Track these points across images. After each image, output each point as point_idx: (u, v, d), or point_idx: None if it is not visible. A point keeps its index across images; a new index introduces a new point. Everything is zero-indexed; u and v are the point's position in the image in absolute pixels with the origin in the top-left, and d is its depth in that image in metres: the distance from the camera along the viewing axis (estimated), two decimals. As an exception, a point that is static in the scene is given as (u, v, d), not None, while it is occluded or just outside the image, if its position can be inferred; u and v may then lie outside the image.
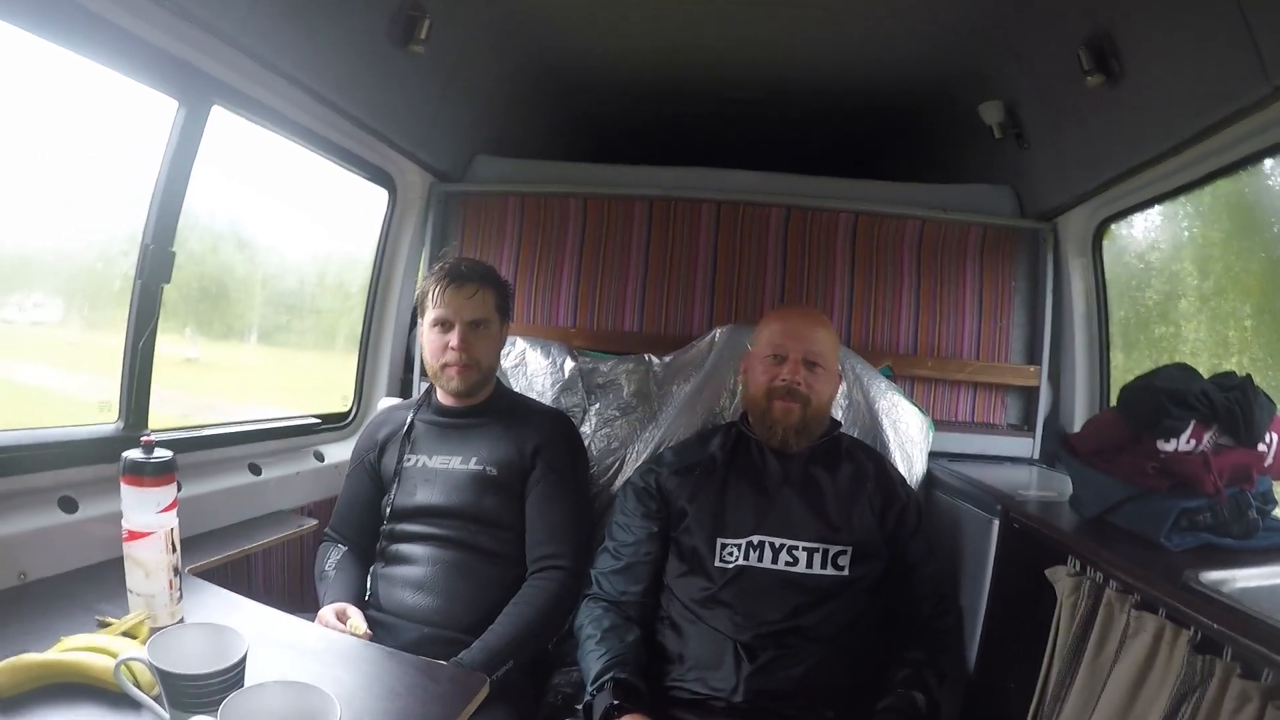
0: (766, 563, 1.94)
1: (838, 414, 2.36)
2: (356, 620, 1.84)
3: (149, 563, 1.47)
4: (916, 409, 2.53)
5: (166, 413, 2.13)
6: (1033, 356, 2.90)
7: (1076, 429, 2.62)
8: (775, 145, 3.93)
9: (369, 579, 2.12)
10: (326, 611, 1.87)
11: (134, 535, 1.47)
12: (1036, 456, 2.84)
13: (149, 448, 1.47)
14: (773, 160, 3.18)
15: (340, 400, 2.91)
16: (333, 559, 2.08)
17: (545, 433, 2.14)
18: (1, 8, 1.49)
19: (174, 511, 1.51)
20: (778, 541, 1.95)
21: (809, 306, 2.82)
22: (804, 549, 1.94)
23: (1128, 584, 1.57)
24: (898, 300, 2.91)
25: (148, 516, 1.47)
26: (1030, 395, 2.90)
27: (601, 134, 4.02)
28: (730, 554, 1.96)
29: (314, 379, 3.26)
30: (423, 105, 2.70)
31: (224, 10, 1.77)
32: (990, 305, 2.90)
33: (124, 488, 1.46)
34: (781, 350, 2.07)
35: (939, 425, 2.64)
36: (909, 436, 2.47)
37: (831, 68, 3.07)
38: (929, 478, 2.49)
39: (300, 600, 2.30)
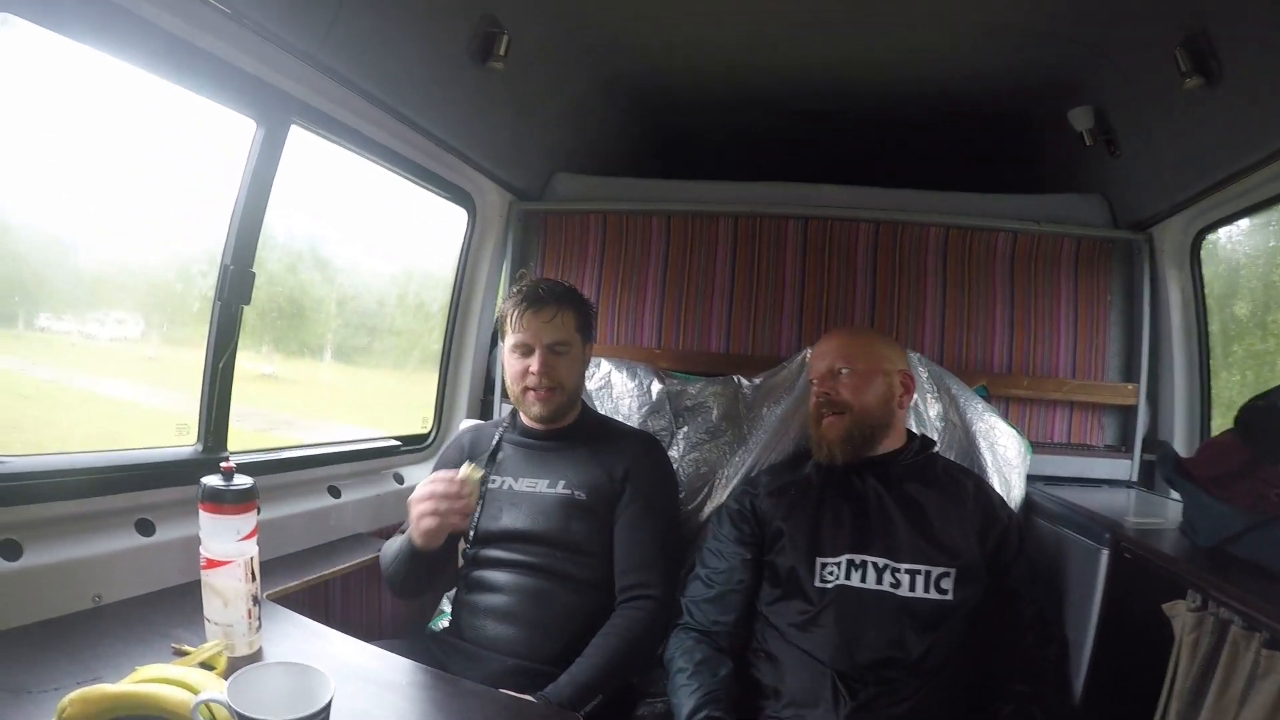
0: (870, 583, 1.81)
1: (933, 435, 2.25)
2: (467, 470, 1.76)
3: (227, 591, 1.41)
4: (1014, 431, 2.39)
5: (243, 427, 2.09)
6: (1130, 374, 2.74)
7: (1177, 448, 2.49)
8: (858, 158, 3.77)
9: (451, 607, 2.04)
10: (423, 487, 1.77)
11: (212, 563, 1.41)
12: (1135, 479, 2.68)
13: (228, 474, 1.42)
14: (856, 173, 3.06)
15: (420, 422, 2.85)
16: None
17: (635, 456, 2.05)
18: (85, 33, 1.48)
19: (254, 539, 1.45)
20: (880, 562, 1.83)
21: (850, 325, 2.76)
22: (906, 570, 1.82)
23: (1255, 621, 1.43)
24: (991, 317, 2.77)
25: (227, 545, 1.41)
26: (1128, 415, 2.74)
27: (683, 149, 3.90)
28: (830, 573, 1.84)
29: (393, 397, 3.23)
30: (502, 123, 2.64)
31: (303, 29, 1.74)
32: (1086, 320, 2.76)
33: (202, 515, 1.41)
34: (815, 371, 2.06)
35: (1035, 447, 2.50)
36: (1007, 460, 2.33)
37: (914, 77, 2.93)
38: (1027, 503, 2.34)
39: (378, 626, 2.24)
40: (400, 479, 2.59)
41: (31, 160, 1.63)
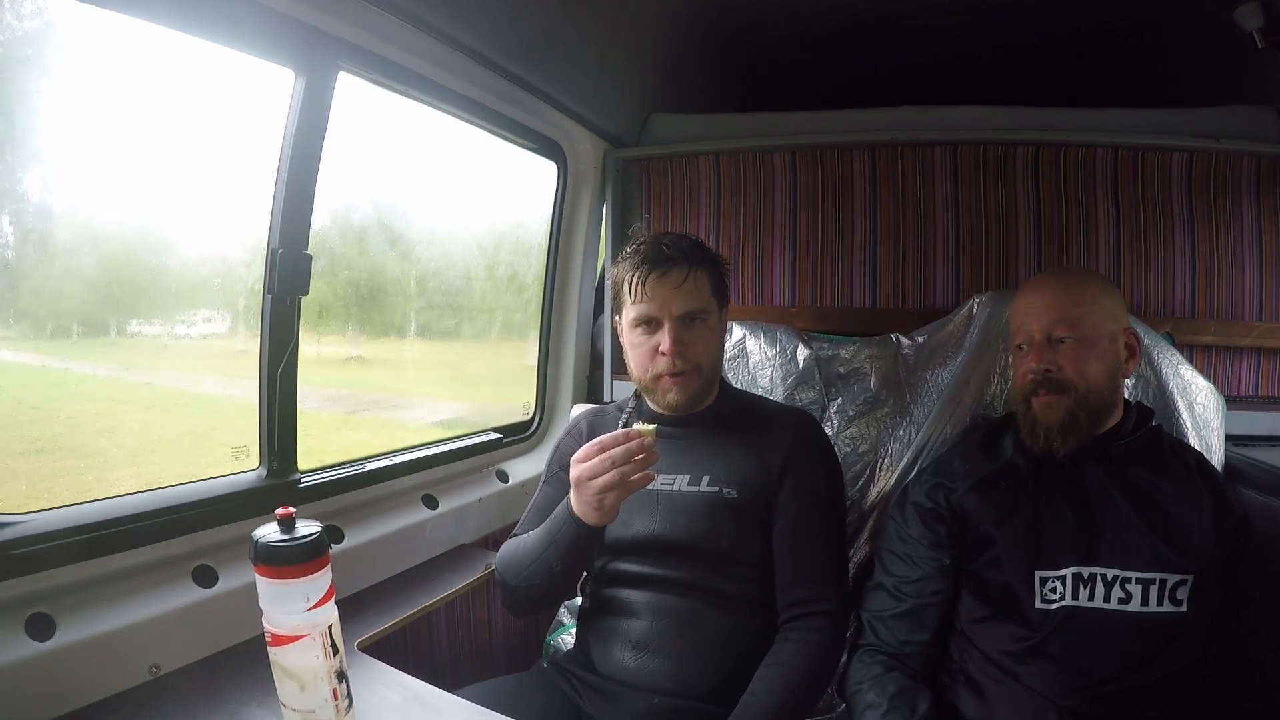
0: (1099, 601, 1.40)
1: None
2: (638, 425, 1.40)
3: (303, 672, 1.08)
4: (1211, 385, 1.96)
5: (333, 411, 1.96)
6: None
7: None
8: (998, 76, 3.27)
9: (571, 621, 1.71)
10: (592, 461, 1.37)
11: (280, 639, 1.07)
12: None
13: (288, 522, 1.06)
14: (996, 93, 2.60)
15: (521, 408, 2.53)
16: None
17: (793, 442, 1.61)
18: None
19: (331, 603, 1.10)
20: (1110, 573, 1.40)
21: (1061, 268, 2.26)
22: (1138, 580, 1.39)
23: None
24: (1170, 251, 2.31)
25: (295, 616, 1.06)
26: None
27: (795, 80, 3.33)
28: (1053, 590, 1.43)
29: (479, 368, 3.03)
30: (589, 57, 2.21)
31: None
32: (1271, 253, 2.28)
33: (260, 581, 1.06)
34: (1024, 334, 1.58)
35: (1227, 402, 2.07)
36: (1205, 420, 1.89)
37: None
38: (1229, 470, 1.89)
39: (490, 658, 1.92)
40: (505, 476, 2.25)
41: (101, 166, 1.47)
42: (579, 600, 1.75)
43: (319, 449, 1.73)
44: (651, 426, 1.37)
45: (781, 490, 1.55)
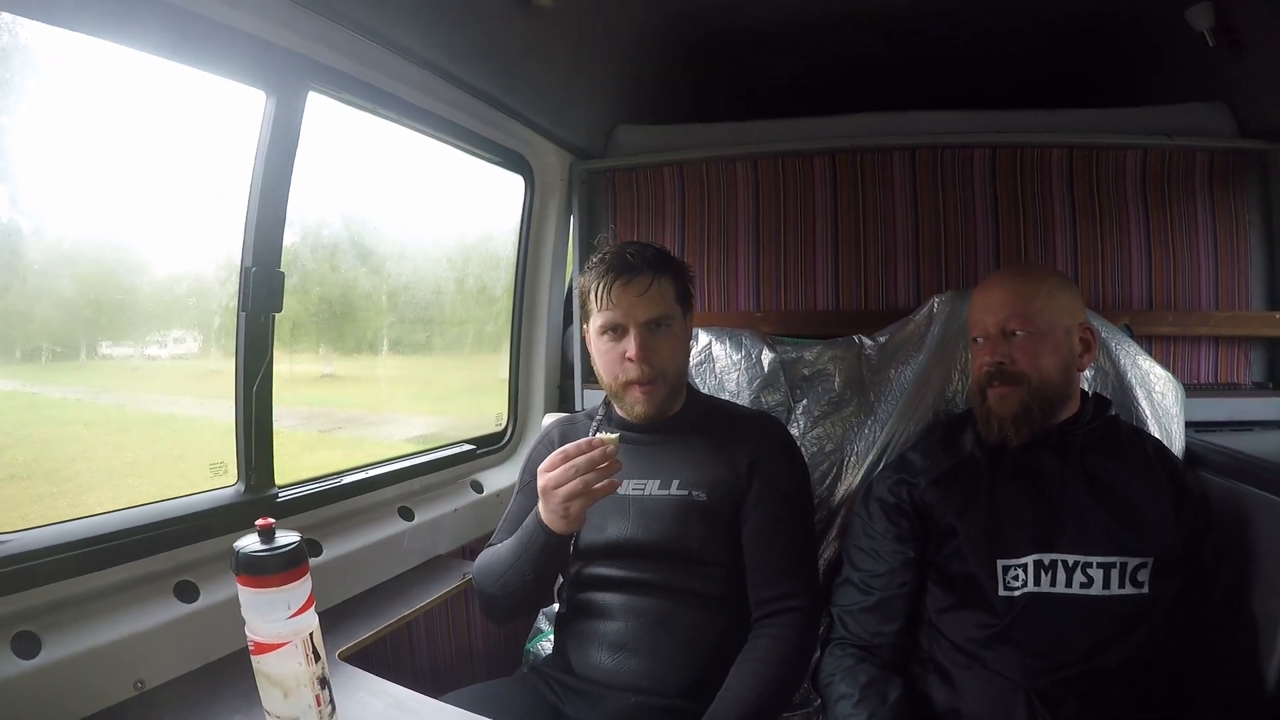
0: (1060, 586, 1.44)
1: (1084, 386, 1.86)
2: (602, 435, 1.42)
3: (286, 679, 1.09)
4: (1169, 375, 2.00)
5: (308, 430, 2.00)
6: (1276, 301, 2.34)
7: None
8: (957, 79, 3.31)
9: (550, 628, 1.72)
10: (558, 470, 1.39)
11: (262, 647, 1.08)
12: None
13: (268, 533, 1.07)
14: (956, 96, 2.65)
15: (494, 420, 2.54)
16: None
17: (759, 444, 1.64)
18: (57, 13, 1.23)
19: (311, 610, 1.11)
20: (1070, 559, 1.45)
21: (1019, 264, 2.32)
22: (1099, 565, 1.44)
23: None
24: (1127, 246, 2.37)
25: (277, 624, 1.07)
26: (1275, 347, 2.35)
27: (761, 89, 3.40)
28: (1015, 578, 1.47)
29: (453, 380, 3.05)
30: (554, 71, 2.25)
31: (311, -28, 1.46)
32: (1226, 244, 2.34)
33: (242, 590, 1.07)
34: (980, 329, 1.64)
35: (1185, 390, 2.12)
36: (1165, 409, 1.94)
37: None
38: (1189, 456, 1.95)
39: (471, 664, 1.93)
40: (479, 487, 2.25)
41: (73, 186, 1.49)
42: (556, 607, 1.76)
43: (294, 469, 1.73)
44: (614, 435, 1.40)
45: (750, 492, 1.58)
